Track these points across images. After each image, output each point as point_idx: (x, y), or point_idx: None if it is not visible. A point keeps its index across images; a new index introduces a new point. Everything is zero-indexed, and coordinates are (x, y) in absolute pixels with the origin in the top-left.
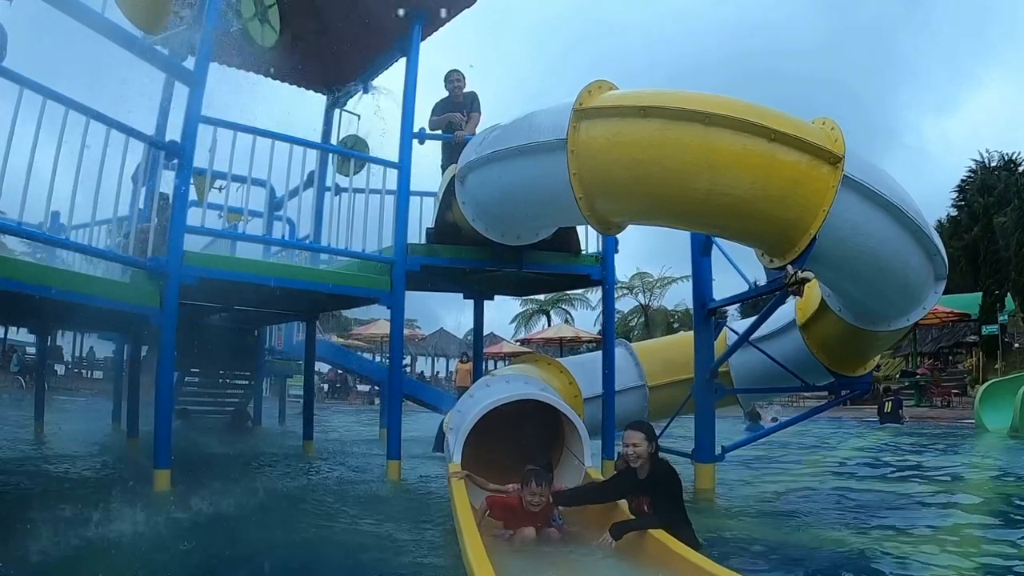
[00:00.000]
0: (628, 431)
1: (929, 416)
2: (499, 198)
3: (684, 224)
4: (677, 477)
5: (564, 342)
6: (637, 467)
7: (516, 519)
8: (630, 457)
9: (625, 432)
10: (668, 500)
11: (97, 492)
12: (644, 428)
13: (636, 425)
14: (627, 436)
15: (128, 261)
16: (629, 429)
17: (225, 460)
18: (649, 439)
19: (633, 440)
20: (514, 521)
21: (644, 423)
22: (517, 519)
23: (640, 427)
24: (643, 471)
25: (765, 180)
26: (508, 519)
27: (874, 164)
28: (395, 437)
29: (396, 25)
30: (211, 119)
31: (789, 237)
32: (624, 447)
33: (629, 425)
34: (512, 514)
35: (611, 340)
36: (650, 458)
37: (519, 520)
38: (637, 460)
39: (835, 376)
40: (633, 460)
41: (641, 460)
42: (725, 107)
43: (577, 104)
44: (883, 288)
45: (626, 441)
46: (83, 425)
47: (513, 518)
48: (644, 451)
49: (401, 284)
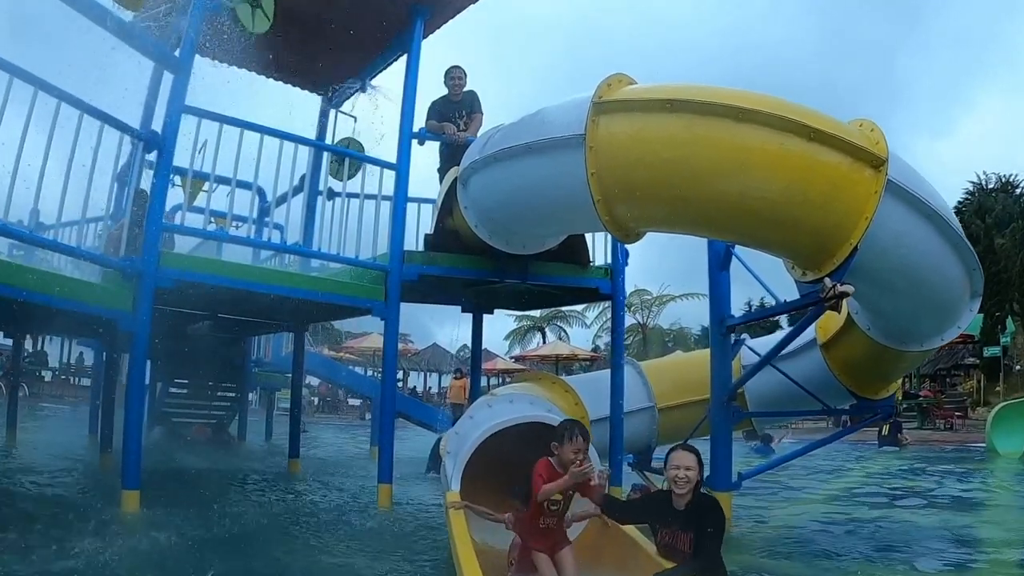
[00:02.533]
0: (678, 452)
1: (934, 439)
2: (505, 202)
3: (711, 231)
4: (723, 514)
5: (560, 359)
6: (677, 496)
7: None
8: (678, 482)
9: (672, 453)
10: (713, 540)
11: (56, 514)
12: (696, 451)
13: (687, 447)
14: (676, 458)
15: (97, 259)
16: (679, 450)
17: (203, 478)
18: (700, 464)
19: (686, 463)
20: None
21: (693, 446)
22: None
23: (692, 449)
24: (682, 501)
25: (803, 183)
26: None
27: (914, 169)
28: (387, 459)
29: (397, 20)
30: (195, 109)
31: (827, 247)
32: (671, 470)
33: (678, 446)
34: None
35: (620, 359)
36: (695, 488)
37: (536, 539)
38: (685, 487)
39: (857, 398)
40: (681, 486)
41: (688, 487)
42: (759, 102)
43: (596, 97)
44: (920, 305)
45: (675, 463)
46: (59, 436)
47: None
48: (694, 477)
49: (396, 294)
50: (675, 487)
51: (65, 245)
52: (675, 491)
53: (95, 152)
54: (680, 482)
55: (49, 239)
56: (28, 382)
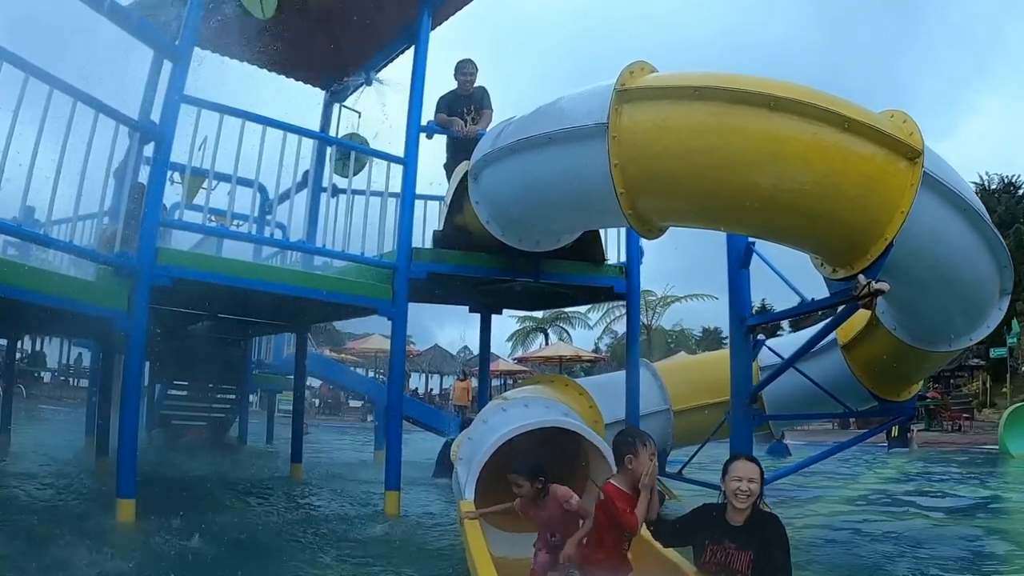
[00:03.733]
0: (740, 463)
1: (943, 441)
2: (520, 196)
3: (738, 225)
4: (786, 533)
5: (563, 361)
6: (735, 510)
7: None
8: (739, 495)
9: (733, 464)
10: (782, 560)
11: (46, 525)
12: (758, 462)
13: (748, 456)
14: (738, 468)
15: (90, 255)
16: (741, 460)
17: (202, 485)
18: (762, 476)
19: (749, 475)
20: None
21: (754, 456)
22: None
23: (754, 460)
24: (740, 517)
25: (839, 175)
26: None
27: (947, 162)
28: (394, 465)
29: (403, 11)
30: (195, 99)
31: (861, 242)
32: (731, 482)
33: (739, 456)
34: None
35: (636, 362)
36: (754, 503)
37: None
38: (746, 500)
39: (879, 400)
40: (742, 499)
41: (750, 501)
42: (791, 90)
43: (619, 85)
44: (951, 303)
45: (737, 474)
46: (55, 439)
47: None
48: (757, 490)
49: (404, 293)
50: (735, 500)
51: (56, 240)
52: (735, 504)
53: (89, 143)
54: (741, 495)
55: (38, 233)
56: (26, 383)
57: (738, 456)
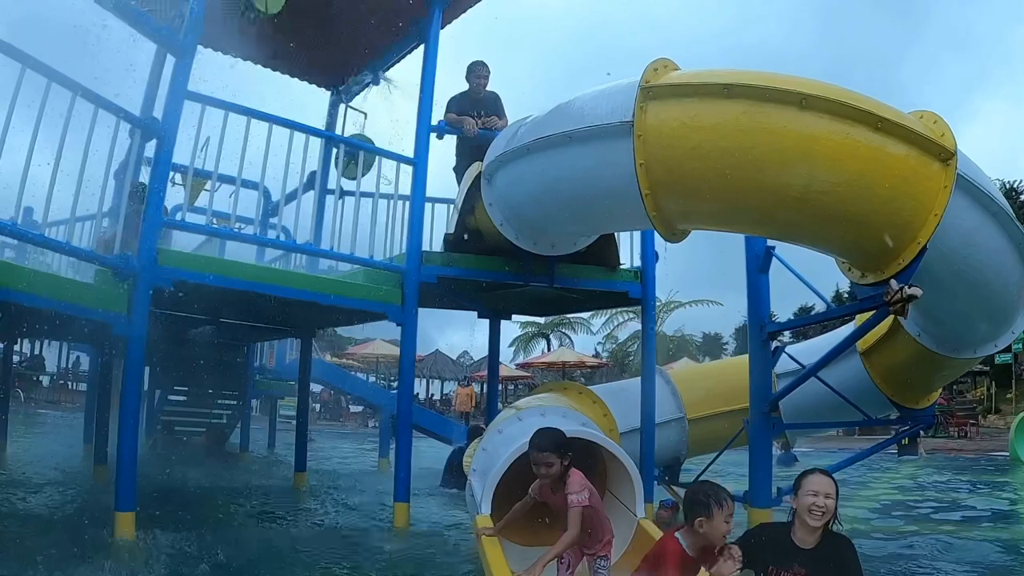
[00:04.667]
0: (816, 477)
1: (951, 448)
2: (536, 197)
3: (767, 227)
4: (858, 557)
5: (566, 367)
6: (805, 529)
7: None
8: (814, 513)
9: (807, 478)
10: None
11: (42, 537)
12: (833, 476)
13: (823, 471)
14: (814, 483)
15: (88, 256)
16: (817, 475)
17: (204, 495)
18: (838, 493)
19: (826, 489)
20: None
21: (828, 470)
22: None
23: (830, 474)
24: (811, 537)
25: (872, 176)
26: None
27: (977, 164)
28: (404, 476)
29: (412, 8)
30: (199, 95)
31: (892, 246)
32: (806, 497)
33: (814, 469)
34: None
35: (652, 368)
36: (827, 522)
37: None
38: (822, 519)
39: (898, 408)
40: (817, 518)
41: (824, 520)
42: (821, 89)
43: (643, 81)
44: (978, 309)
45: (812, 488)
46: (52, 445)
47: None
48: (833, 508)
49: (414, 297)
50: (809, 518)
51: (55, 240)
52: (808, 522)
53: (87, 139)
54: (816, 512)
55: (33, 232)
56: (24, 387)
57: (813, 470)
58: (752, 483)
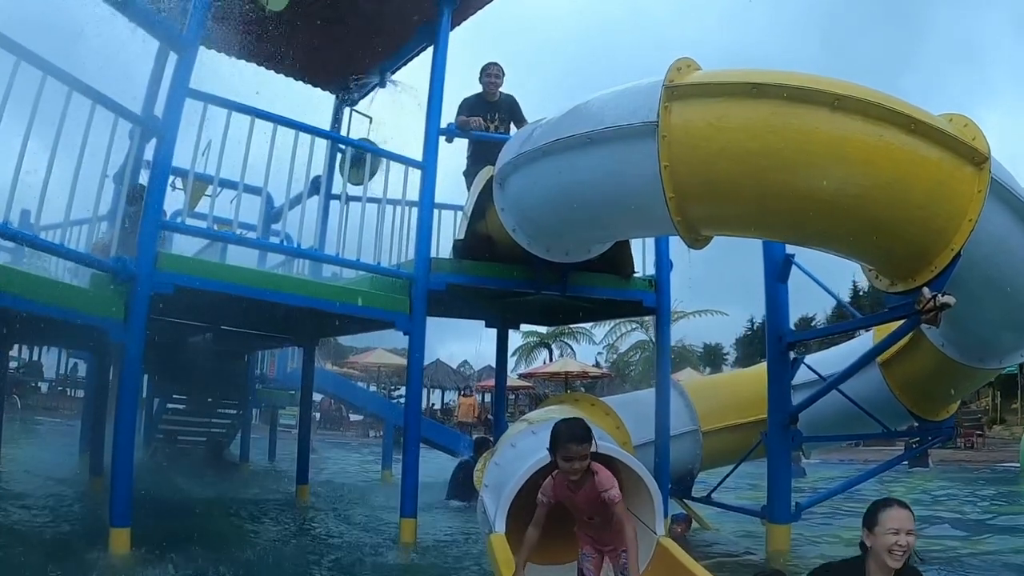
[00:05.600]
0: (895, 510)
1: (959, 459)
2: (551, 201)
3: (794, 233)
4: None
5: (569, 377)
6: (884, 568)
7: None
8: (895, 552)
9: (885, 512)
10: None
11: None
12: (912, 509)
13: (902, 503)
14: (895, 519)
15: (84, 259)
16: (896, 508)
17: (203, 509)
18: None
19: (907, 526)
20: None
21: (906, 501)
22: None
23: (909, 506)
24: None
25: (907, 180)
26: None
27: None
28: (411, 490)
29: (421, 9)
30: (201, 93)
31: (925, 252)
32: (887, 535)
33: (890, 502)
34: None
35: (666, 381)
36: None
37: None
38: (902, 558)
39: (917, 420)
40: (898, 557)
41: (905, 558)
42: (852, 89)
43: (667, 81)
44: (1008, 317)
45: (894, 525)
46: (48, 454)
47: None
48: (914, 544)
49: (422, 306)
50: (890, 559)
51: (48, 242)
52: (888, 563)
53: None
54: (898, 552)
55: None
56: (21, 393)
57: (889, 503)
58: (771, 498)
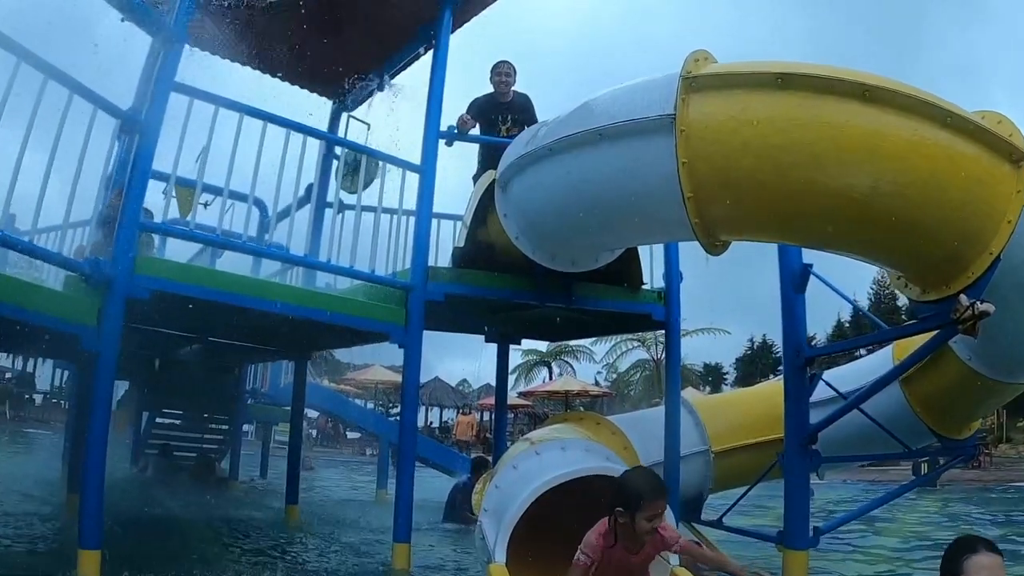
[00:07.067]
0: (982, 558)
1: (966, 479)
2: (558, 204)
3: (821, 236)
4: None
5: (570, 395)
6: None
7: None
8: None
9: (973, 559)
10: None
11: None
12: (999, 550)
13: (990, 545)
14: (982, 565)
15: (52, 259)
16: (984, 555)
17: (185, 529)
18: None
19: (1000, 573)
20: None
21: (993, 542)
22: None
23: (996, 547)
24: None
25: (944, 178)
26: None
27: None
28: (405, 514)
29: (421, 11)
30: (188, 87)
31: (961, 257)
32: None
33: (977, 545)
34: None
35: (676, 399)
36: None
37: None
38: None
39: (939, 438)
40: None
41: None
42: (884, 81)
43: (685, 72)
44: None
45: (982, 570)
46: (33, 469)
47: None
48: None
49: (419, 317)
50: None
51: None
52: None
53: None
54: None
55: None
56: (12, 405)
57: (976, 547)
58: (788, 522)
